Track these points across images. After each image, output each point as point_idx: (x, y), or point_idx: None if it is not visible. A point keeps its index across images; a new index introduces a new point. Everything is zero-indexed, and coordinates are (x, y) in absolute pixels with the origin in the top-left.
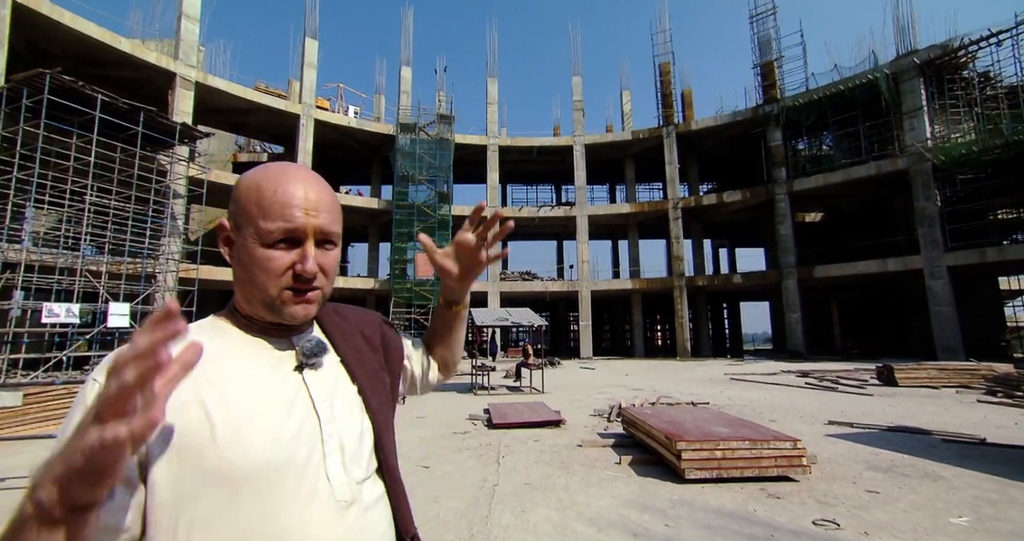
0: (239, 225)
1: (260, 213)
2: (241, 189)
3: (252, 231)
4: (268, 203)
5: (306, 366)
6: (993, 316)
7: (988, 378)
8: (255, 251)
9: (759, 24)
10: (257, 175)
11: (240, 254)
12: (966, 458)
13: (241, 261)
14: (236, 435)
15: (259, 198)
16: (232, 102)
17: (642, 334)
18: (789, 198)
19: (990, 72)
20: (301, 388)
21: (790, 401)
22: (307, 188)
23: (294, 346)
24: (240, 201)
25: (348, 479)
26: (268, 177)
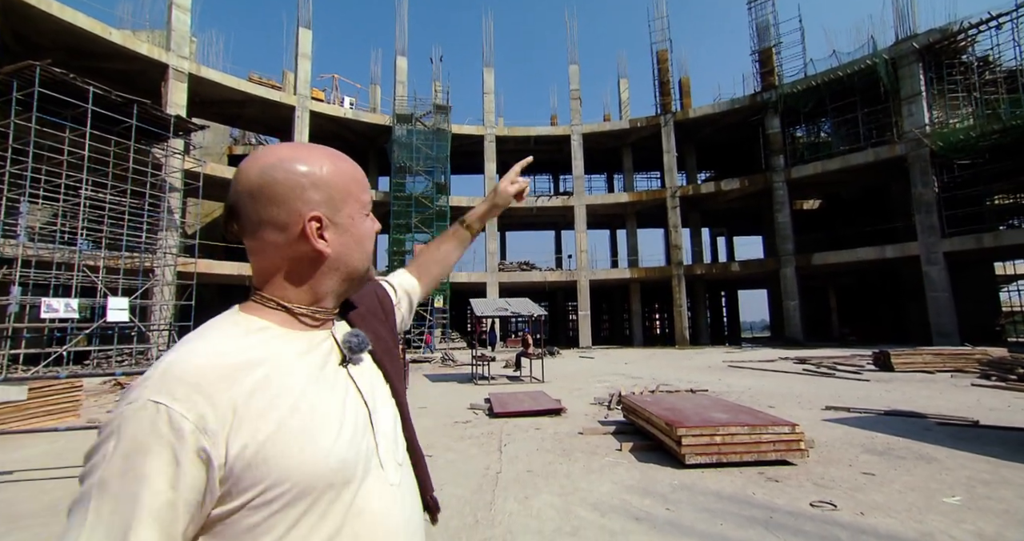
0: (337, 207)
1: (357, 186)
2: (326, 172)
3: (356, 206)
4: (357, 176)
5: (350, 361)
6: (988, 301)
7: (983, 362)
8: (364, 224)
9: (757, 10)
10: (321, 156)
11: (347, 236)
12: (960, 440)
13: (346, 243)
14: (313, 442)
15: (350, 174)
16: (226, 94)
17: (640, 323)
18: (787, 185)
19: (989, 56)
20: (349, 383)
21: (788, 387)
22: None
23: (335, 338)
24: (332, 182)
25: (394, 463)
26: (328, 155)
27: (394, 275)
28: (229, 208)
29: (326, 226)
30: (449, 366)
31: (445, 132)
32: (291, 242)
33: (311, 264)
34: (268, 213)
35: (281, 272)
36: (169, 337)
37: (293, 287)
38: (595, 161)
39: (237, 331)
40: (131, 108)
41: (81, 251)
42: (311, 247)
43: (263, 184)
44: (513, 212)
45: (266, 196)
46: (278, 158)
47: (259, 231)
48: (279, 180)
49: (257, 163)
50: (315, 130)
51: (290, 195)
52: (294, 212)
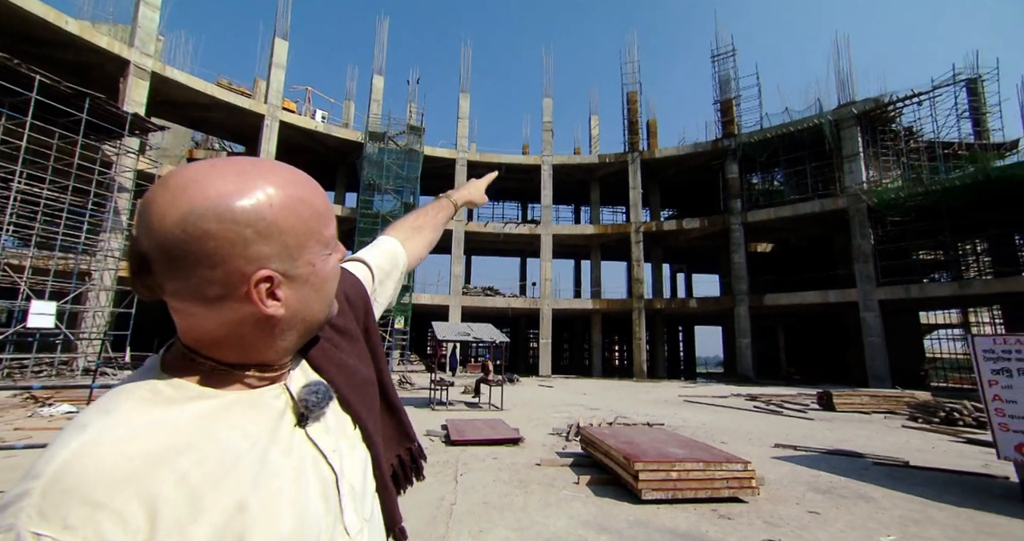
0: (294, 256)
1: (319, 221)
2: (277, 212)
3: (318, 248)
4: (317, 206)
5: (309, 420)
6: (914, 347)
7: (911, 405)
8: (327, 265)
9: (720, 64)
10: (268, 186)
11: (306, 287)
12: (893, 480)
13: (306, 296)
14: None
15: (310, 206)
16: (191, 96)
17: (600, 354)
18: (743, 228)
19: (913, 127)
20: (307, 446)
21: (739, 424)
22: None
23: (289, 393)
24: (286, 226)
25: (359, 520)
26: (279, 182)
27: (371, 248)
28: (140, 260)
29: (279, 283)
30: (406, 389)
31: (417, 153)
32: (231, 306)
33: (258, 327)
34: (197, 276)
35: (218, 336)
36: (102, 347)
37: (234, 350)
38: (563, 192)
39: (157, 401)
40: (82, 101)
41: (5, 248)
42: (259, 311)
43: (187, 240)
44: (480, 237)
45: (193, 256)
46: (208, 199)
47: (184, 295)
48: (211, 234)
49: (177, 206)
50: (283, 141)
51: (229, 253)
52: (234, 273)
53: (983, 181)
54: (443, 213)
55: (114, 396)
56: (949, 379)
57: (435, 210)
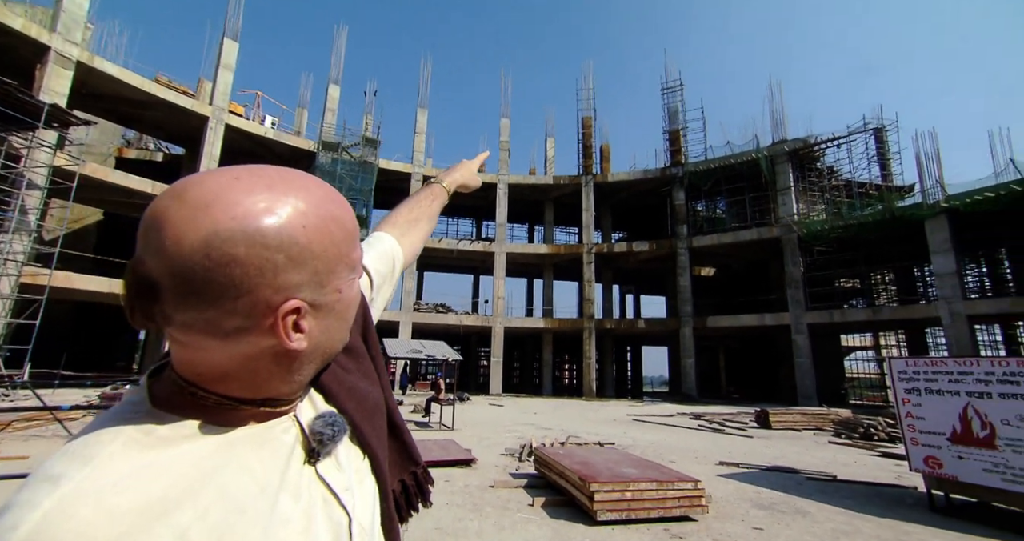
0: (323, 283)
1: (349, 244)
2: (311, 235)
3: (346, 272)
4: (349, 227)
5: (322, 456)
6: (836, 368)
7: (835, 422)
8: (352, 291)
9: (669, 97)
10: (300, 203)
11: (331, 317)
12: (825, 494)
13: (330, 326)
14: None
15: (343, 227)
16: (125, 91)
17: (551, 373)
18: (689, 253)
19: (834, 167)
20: (318, 486)
21: (686, 442)
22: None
23: (300, 426)
24: (319, 250)
25: None
26: (312, 199)
27: (367, 249)
28: (146, 286)
29: (305, 313)
30: None
31: (372, 165)
32: (250, 340)
33: (275, 361)
34: (217, 308)
35: (227, 370)
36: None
37: (244, 385)
38: (518, 211)
39: (149, 443)
40: None
41: None
42: (281, 345)
43: (210, 267)
44: (433, 253)
45: (216, 286)
46: (236, 219)
47: (196, 327)
48: (239, 259)
49: (199, 227)
50: (229, 145)
51: (257, 282)
52: (260, 304)
53: (889, 219)
54: (437, 201)
55: (92, 439)
56: (865, 397)
57: (429, 199)
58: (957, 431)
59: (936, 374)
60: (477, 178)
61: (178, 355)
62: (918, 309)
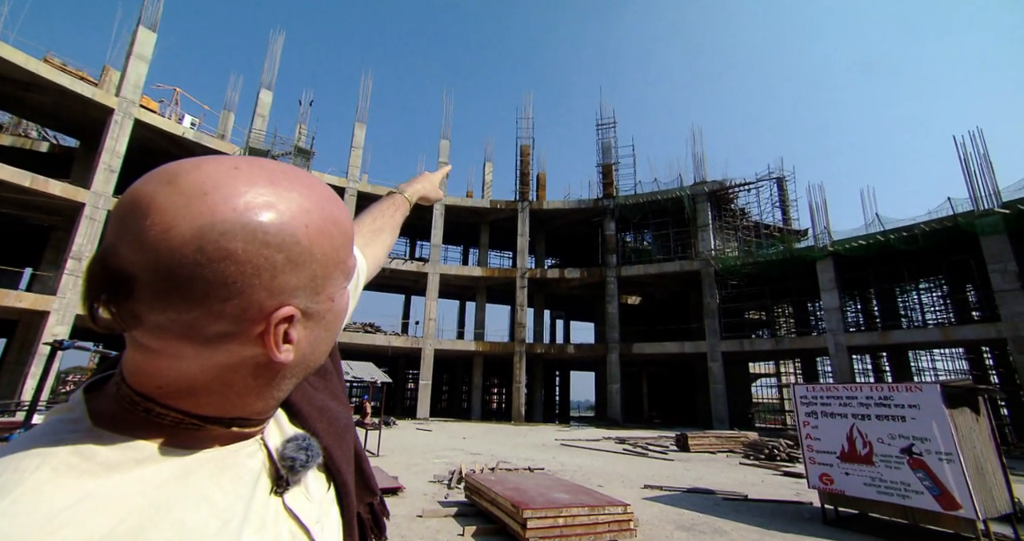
0: (318, 290)
1: (346, 248)
2: (313, 235)
3: (342, 279)
4: (347, 230)
5: (291, 484)
6: (745, 393)
7: (745, 444)
8: (343, 300)
9: (603, 132)
10: (303, 201)
11: (320, 326)
12: (738, 512)
13: (318, 337)
14: None
15: (343, 229)
16: (3, 69)
17: (480, 397)
18: (618, 281)
19: (745, 209)
20: (284, 519)
21: (613, 466)
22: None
23: (267, 450)
24: (319, 252)
25: None
26: (314, 198)
27: None
28: (118, 281)
29: (297, 322)
30: None
31: None
32: (232, 348)
33: (255, 374)
34: (202, 309)
35: (197, 383)
36: None
37: (214, 401)
38: (454, 233)
39: (89, 469)
40: None
41: None
42: (266, 356)
43: (202, 262)
44: None
45: (205, 284)
46: (236, 211)
47: (172, 331)
48: (236, 255)
49: (193, 216)
50: (138, 142)
51: (252, 283)
52: (252, 308)
53: (788, 258)
54: (400, 212)
55: (9, 465)
56: (767, 420)
57: (391, 209)
58: (845, 450)
59: (830, 398)
60: (439, 191)
61: (138, 364)
62: (811, 340)
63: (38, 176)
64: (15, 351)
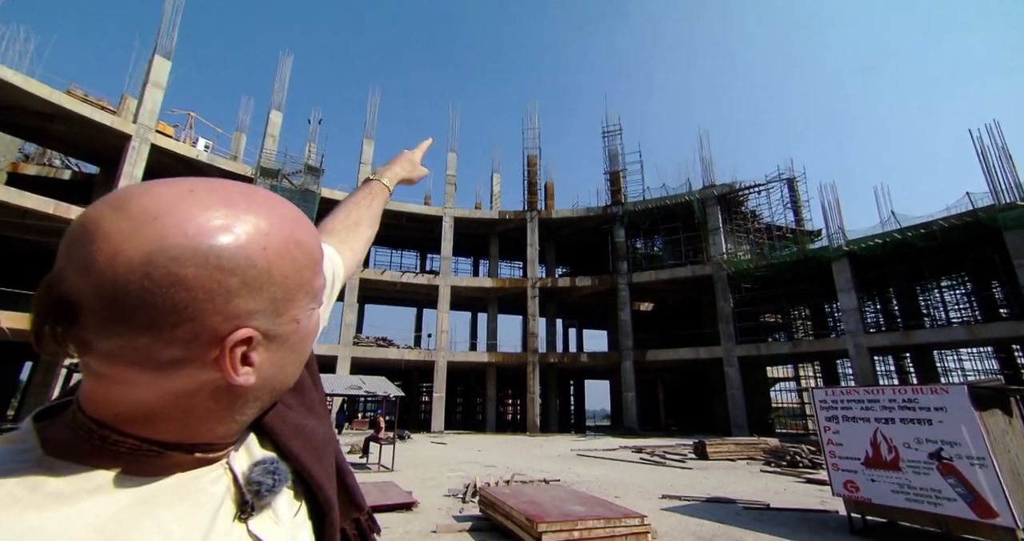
0: (280, 312)
1: (311, 270)
2: (271, 257)
3: (307, 300)
4: (313, 251)
5: (256, 510)
6: (763, 398)
7: (765, 451)
8: (310, 322)
9: (609, 139)
10: (260, 221)
11: (285, 349)
12: (760, 522)
13: (282, 359)
14: None
15: (307, 250)
16: (26, 101)
17: (495, 408)
18: (629, 288)
19: (756, 211)
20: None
21: (630, 476)
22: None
23: (233, 475)
24: (278, 275)
25: None
26: (272, 218)
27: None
28: (63, 307)
29: (257, 344)
30: None
31: (314, 194)
32: (187, 373)
33: (215, 398)
34: (152, 335)
35: (155, 409)
36: None
37: (173, 428)
38: (463, 245)
39: (36, 500)
40: None
41: None
42: (224, 381)
43: (151, 288)
44: (376, 285)
45: (154, 310)
46: (187, 235)
47: (122, 357)
48: (186, 281)
49: (142, 241)
50: (154, 167)
51: (204, 308)
52: (205, 333)
53: (802, 259)
54: (379, 200)
55: None
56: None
57: (369, 198)
58: (869, 455)
59: (851, 402)
60: (420, 168)
61: (93, 390)
62: (829, 342)
63: (61, 203)
64: (41, 373)
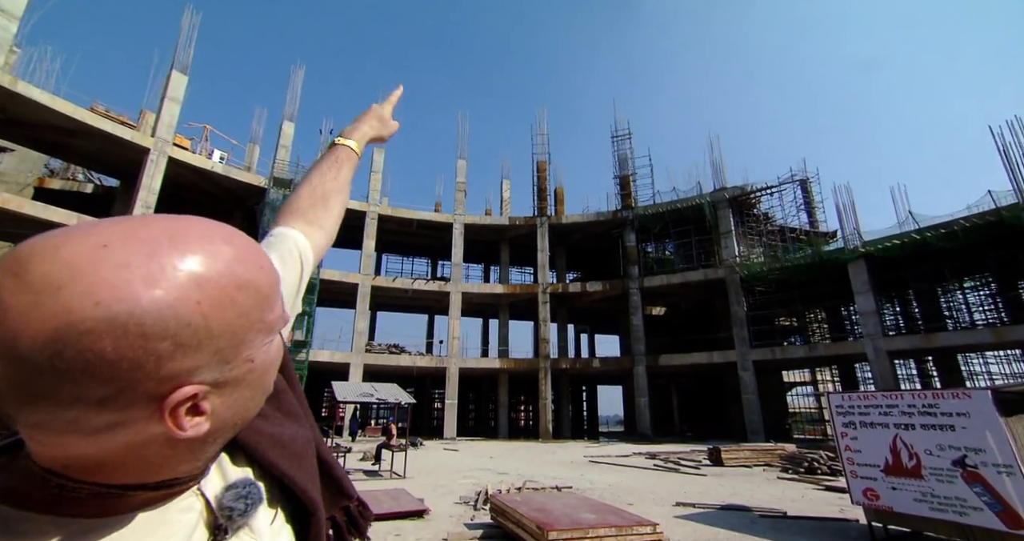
0: (228, 359)
1: (260, 307)
2: (207, 311)
3: (261, 336)
4: (261, 287)
5: (230, 533)
6: (780, 403)
7: (782, 457)
8: (269, 353)
9: (619, 144)
10: (190, 269)
11: (242, 387)
12: (777, 531)
13: (240, 398)
14: None
15: (253, 290)
16: (51, 118)
17: (507, 414)
18: (640, 292)
19: (769, 213)
20: None
21: (643, 483)
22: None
23: (205, 500)
24: (219, 327)
25: None
26: (221, 258)
27: (272, 257)
28: None
29: (206, 394)
30: None
31: None
32: (130, 431)
33: (170, 446)
34: (79, 408)
35: (106, 460)
36: None
37: (131, 473)
38: (474, 251)
39: None
40: None
41: None
42: (173, 435)
43: (64, 369)
44: (387, 292)
45: (71, 388)
46: (100, 305)
47: (51, 428)
48: (105, 356)
49: (46, 317)
50: (171, 179)
51: (133, 378)
52: (139, 399)
53: (817, 262)
54: (347, 167)
55: None
56: (806, 431)
57: (336, 166)
58: (889, 462)
59: (868, 408)
60: (391, 123)
61: (35, 450)
62: (847, 346)
63: (84, 216)
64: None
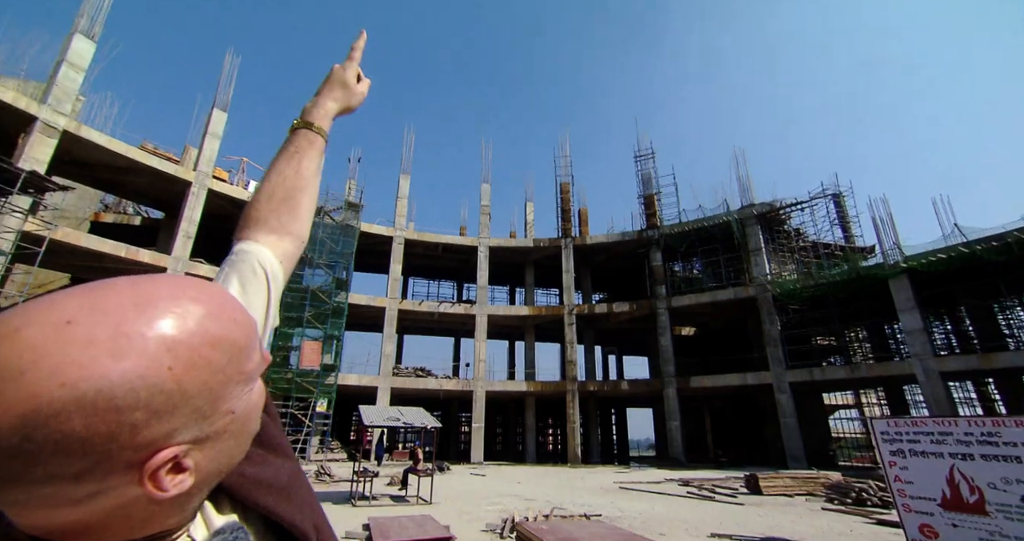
0: (206, 415)
1: (236, 361)
2: (180, 374)
3: (240, 389)
4: (237, 340)
5: None
6: (822, 427)
7: (827, 486)
8: (250, 401)
9: (642, 163)
10: (173, 330)
11: (224, 438)
12: None
13: (224, 449)
14: None
15: (227, 347)
16: (107, 158)
17: (535, 438)
18: (669, 312)
19: (800, 229)
20: None
21: (676, 512)
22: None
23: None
24: (194, 389)
25: None
26: (192, 320)
27: (240, 285)
28: None
29: (188, 452)
30: (325, 481)
31: (353, 229)
32: (111, 496)
33: (155, 503)
34: (55, 484)
35: (90, 524)
36: None
37: (117, 533)
38: (499, 274)
39: None
40: None
41: None
42: (153, 496)
43: (33, 451)
44: (413, 316)
45: (44, 467)
46: (66, 385)
47: (32, 504)
48: (75, 434)
49: (12, 403)
50: (211, 209)
51: (107, 449)
52: (116, 468)
53: (855, 278)
54: (309, 154)
55: None
56: (853, 458)
57: (295, 159)
58: (947, 496)
59: (918, 435)
60: (358, 89)
61: (16, 521)
62: (893, 366)
63: (131, 247)
64: None
